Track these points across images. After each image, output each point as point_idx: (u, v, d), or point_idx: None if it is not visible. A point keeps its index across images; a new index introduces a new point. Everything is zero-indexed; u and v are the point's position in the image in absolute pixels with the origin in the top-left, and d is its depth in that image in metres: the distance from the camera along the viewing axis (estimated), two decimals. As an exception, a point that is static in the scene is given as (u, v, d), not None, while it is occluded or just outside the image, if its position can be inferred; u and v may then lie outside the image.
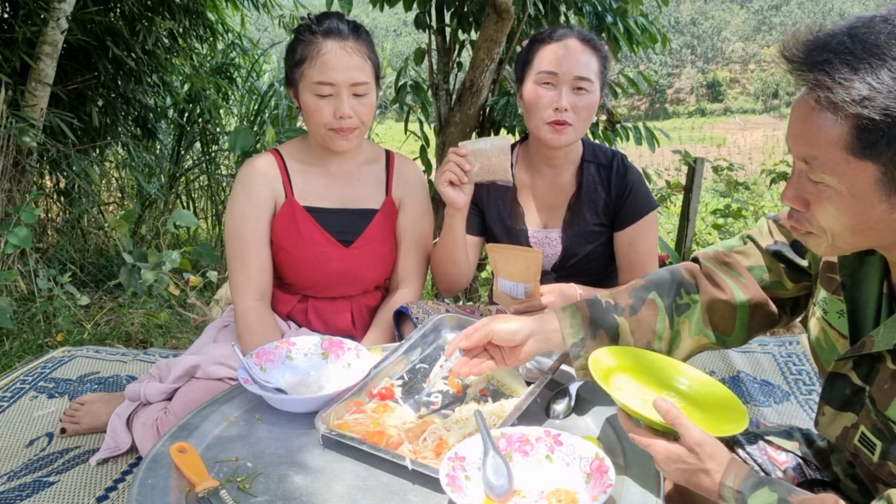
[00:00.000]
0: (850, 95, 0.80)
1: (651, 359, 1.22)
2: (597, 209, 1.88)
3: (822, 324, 1.09)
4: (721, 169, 6.21)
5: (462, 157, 1.69)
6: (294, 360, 1.42)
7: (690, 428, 0.98)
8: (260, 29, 8.40)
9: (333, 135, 1.70)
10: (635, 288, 1.27)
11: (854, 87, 0.80)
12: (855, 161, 0.83)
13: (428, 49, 3.50)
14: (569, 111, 1.73)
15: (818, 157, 0.86)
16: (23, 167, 3.56)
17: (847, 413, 1.01)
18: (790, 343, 2.61)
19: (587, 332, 1.21)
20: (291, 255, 1.79)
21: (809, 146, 0.86)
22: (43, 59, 3.60)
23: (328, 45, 1.66)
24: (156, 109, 4.87)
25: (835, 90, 0.81)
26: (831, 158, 0.84)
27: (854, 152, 0.83)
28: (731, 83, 45.29)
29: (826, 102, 0.83)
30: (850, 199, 0.86)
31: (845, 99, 0.80)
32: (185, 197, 5.09)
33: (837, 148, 0.83)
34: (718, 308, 1.24)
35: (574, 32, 1.78)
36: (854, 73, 0.80)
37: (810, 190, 0.90)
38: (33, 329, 2.96)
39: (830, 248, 0.94)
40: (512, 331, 1.20)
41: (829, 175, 0.86)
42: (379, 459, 1.11)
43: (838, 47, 0.82)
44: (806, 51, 0.85)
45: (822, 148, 0.85)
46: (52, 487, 1.75)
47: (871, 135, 0.81)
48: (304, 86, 1.68)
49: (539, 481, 1.05)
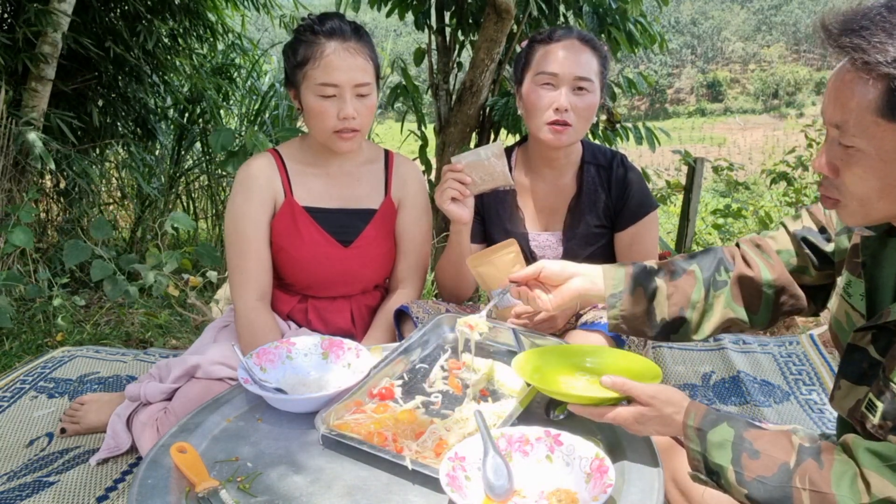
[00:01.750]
0: (885, 57, 0.86)
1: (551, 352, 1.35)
2: (597, 211, 1.87)
3: (844, 305, 1.13)
4: (721, 169, 6.21)
5: (459, 172, 1.69)
6: (294, 360, 1.42)
7: (639, 387, 1.11)
8: (260, 29, 8.40)
9: (337, 136, 1.70)
10: (678, 259, 1.34)
11: (887, 49, 0.86)
12: (885, 123, 0.88)
13: (428, 49, 3.51)
14: (569, 111, 1.73)
15: (850, 120, 0.91)
16: (23, 167, 3.56)
17: (862, 387, 1.03)
18: (790, 343, 2.61)
19: (627, 287, 1.29)
20: (291, 256, 1.79)
21: (843, 111, 0.92)
22: (43, 59, 3.60)
23: (331, 45, 1.65)
24: (156, 109, 4.86)
25: (869, 52, 0.87)
26: (862, 120, 0.90)
27: (884, 114, 0.88)
28: (732, 83, 45.30)
29: (861, 64, 0.88)
30: (879, 161, 0.91)
31: (879, 60, 0.86)
32: (185, 197, 5.08)
33: (869, 111, 0.89)
34: (746, 283, 1.29)
35: (574, 33, 1.78)
36: (889, 38, 0.86)
37: (840, 155, 0.96)
38: (33, 329, 2.96)
39: (858, 216, 0.99)
40: (560, 266, 1.33)
41: (860, 138, 0.91)
42: (379, 459, 1.11)
43: (875, 17, 0.88)
44: (845, 20, 0.91)
45: (854, 111, 0.91)
46: (52, 487, 1.75)
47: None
48: (307, 87, 1.68)
49: (539, 481, 1.05)
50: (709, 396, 2.30)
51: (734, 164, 6.45)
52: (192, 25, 4.80)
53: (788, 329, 2.85)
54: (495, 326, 1.52)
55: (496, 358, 1.44)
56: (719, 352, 2.54)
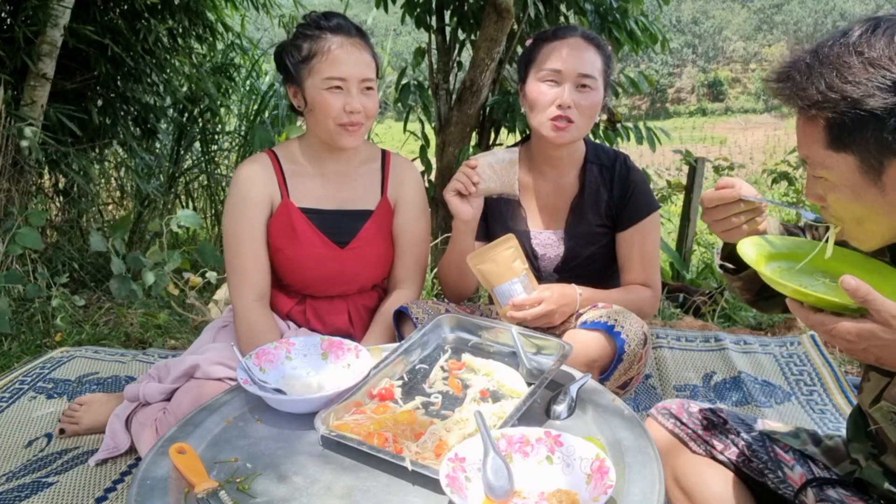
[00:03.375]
0: (806, 101, 0.96)
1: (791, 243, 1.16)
2: (599, 210, 1.87)
3: None
4: (722, 168, 6.19)
5: (472, 169, 1.69)
6: (293, 360, 1.42)
7: (884, 302, 0.90)
8: (260, 29, 8.39)
9: (342, 130, 1.70)
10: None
11: (808, 93, 0.95)
12: (835, 154, 0.97)
13: (428, 49, 3.50)
14: (572, 108, 1.73)
15: (810, 155, 1.01)
16: (21, 167, 3.55)
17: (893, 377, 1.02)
18: (791, 343, 2.60)
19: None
20: (288, 257, 1.79)
21: (803, 147, 1.02)
22: (42, 58, 3.59)
23: (337, 40, 1.67)
24: (155, 108, 4.86)
25: (799, 99, 0.97)
26: (818, 155, 0.99)
27: (832, 146, 0.96)
28: (733, 82, 45.24)
29: (799, 110, 0.99)
30: (844, 188, 0.99)
31: (803, 105, 0.97)
32: (185, 197, 5.08)
33: (820, 145, 0.98)
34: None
35: (578, 31, 1.79)
36: (809, 82, 0.95)
37: (819, 185, 1.03)
38: (32, 329, 2.95)
39: (863, 239, 1.04)
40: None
41: (823, 170, 1.00)
42: (378, 460, 1.10)
43: (799, 64, 0.98)
44: (780, 69, 1.01)
45: (810, 148, 1.00)
46: (51, 488, 1.75)
47: (838, 129, 0.94)
48: (313, 82, 1.68)
49: (539, 482, 1.05)
50: (710, 397, 2.30)
51: (735, 163, 6.43)
52: (191, 25, 4.80)
53: (790, 329, 2.85)
54: (495, 327, 1.52)
55: (496, 358, 1.44)
56: (720, 352, 2.54)
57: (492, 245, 1.69)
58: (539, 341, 1.46)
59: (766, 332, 2.87)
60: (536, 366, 1.39)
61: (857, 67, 0.92)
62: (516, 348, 1.42)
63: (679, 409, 1.40)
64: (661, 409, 1.43)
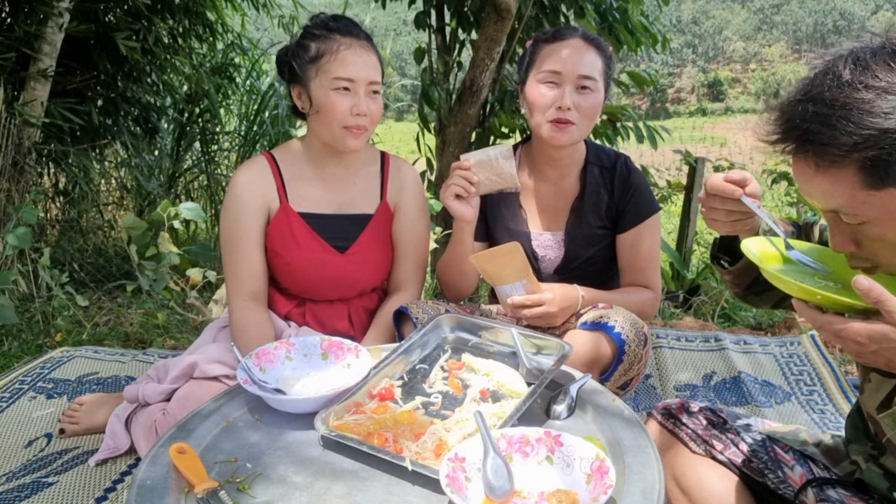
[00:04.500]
0: (842, 149, 0.89)
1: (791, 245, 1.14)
2: (600, 212, 1.87)
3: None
4: (722, 169, 6.19)
5: (467, 170, 1.69)
6: (294, 360, 1.42)
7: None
8: (260, 29, 8.39)
9: (346, 133, 1.69)
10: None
11: (840, 140, 0.89)
12: (879, 193, 0.90)
13: (428, 49, 3.50)
14: (572, 110, 1.73)
15: (845, 204, 0.93)
16: (21, 167, 3.55)
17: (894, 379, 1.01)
18: (791, 343, 2.60)
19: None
20: (286, 261, 1.78)
21: (833, 199, 0.94)
22: (42, 57, 3.59)
23: (346, 41, 1.67)
24: (156, 108, 4.86)
25: (828, 151, 0.90)
26: (857, 199, 0.92)
27: (873, 186, 0.90)
28: (732, 82, 45.24)
29: (826, 163, 0.91)
30: (892, 222, 0.92)
31: (840, 154, 0.89)
32: (185, 196, 5.09)
33: (858, 189, 0.91)
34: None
35: (578, 32, 1.78)
36: (833, 130, 0.89)
37: (854, 230, 0.97)
38: (32, 329, 2.95)
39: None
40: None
41: (865, 212, 0.93)
42: (378, 460, 1.10)
43: (806, 115, 0.91)
44: (782, 130, 0.95)
45: (845, 197, 0.92)
46: (51, 488, 1.75)
47: (878, 168, 0.88)
48: (321, 82, 1.67)
49: (539, 482, 1.04)
50: (710, 397, 2.30)
51: (735, 163, 6.44)
52: (191, 25, 4.80)
53: (790, 329, 2.85)
54: (495, 327, 1.52)
55: (496, 358, 1.43)
56: (720, 352, 2.54)
57: (497, 248, 1.70)
58: (539, 341, 1.46)
59: (766, 332, 2.87)
60: (536, 366, 1.39)
61: (875, 100, 0.88)
62: (516, 348, 1.42)
63: (679, 409, 1.40)
64: (661, 408, 1.43)
